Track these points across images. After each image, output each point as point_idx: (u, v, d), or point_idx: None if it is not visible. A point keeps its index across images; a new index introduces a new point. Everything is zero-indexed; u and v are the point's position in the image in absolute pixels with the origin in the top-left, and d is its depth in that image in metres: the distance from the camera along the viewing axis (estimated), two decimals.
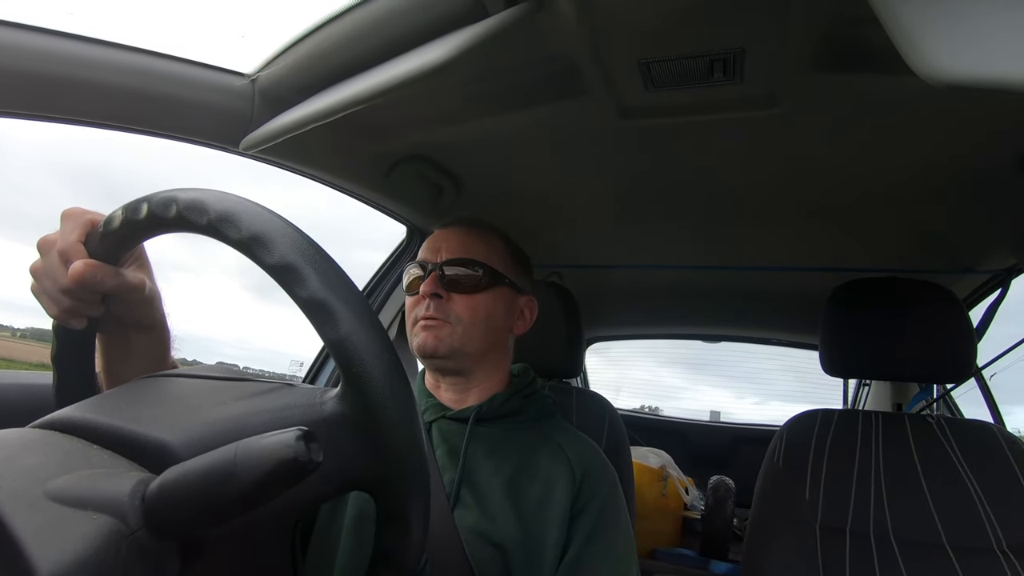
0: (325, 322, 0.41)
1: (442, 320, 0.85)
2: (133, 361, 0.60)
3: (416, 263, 0.90)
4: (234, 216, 0.43)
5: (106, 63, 0.80)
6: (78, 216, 0.52)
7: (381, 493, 0.45)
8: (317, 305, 0.41)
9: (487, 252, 0.90)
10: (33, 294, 0.53)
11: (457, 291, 0.86)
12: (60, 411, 0.42)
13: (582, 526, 0.79)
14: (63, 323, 0.53)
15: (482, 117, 1.02)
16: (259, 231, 0.42)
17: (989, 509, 1.01)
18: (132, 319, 0.57)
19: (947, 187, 1.12)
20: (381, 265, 1.61)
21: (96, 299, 0.53)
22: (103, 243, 0.50)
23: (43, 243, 0.52)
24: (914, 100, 0.85)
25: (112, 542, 0.32)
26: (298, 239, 0.43)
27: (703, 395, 3.35)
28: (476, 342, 0.87)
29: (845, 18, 0.71)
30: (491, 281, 0.88)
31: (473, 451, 0.83)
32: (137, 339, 0.59)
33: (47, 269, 0.52)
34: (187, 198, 0.44)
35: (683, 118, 0.96)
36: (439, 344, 0.84)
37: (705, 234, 1.54)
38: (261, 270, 0.43)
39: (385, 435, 0.43)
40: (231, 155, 0.98)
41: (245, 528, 0.40)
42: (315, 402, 0.44)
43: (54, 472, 0.34)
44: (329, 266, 0.43)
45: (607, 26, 0.75)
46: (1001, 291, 1.35)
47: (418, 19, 0.73)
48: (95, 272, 0.50)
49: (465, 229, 0.93)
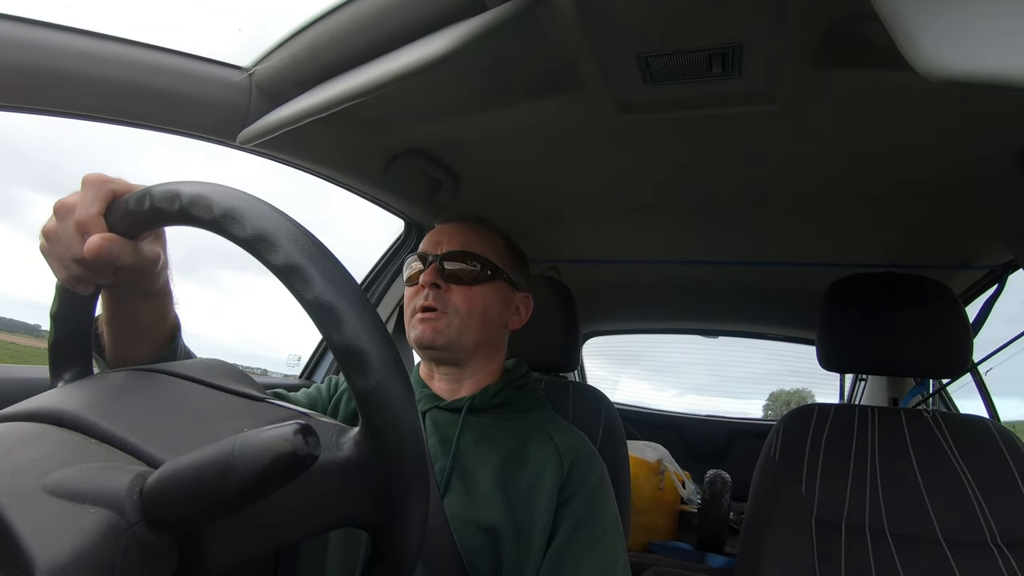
0: (331, 326, 0.40)
1: (440, 311, 0.87)
2: (136, 320, 0.60)
3: (417, 256, 0.92)
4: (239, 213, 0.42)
5: (103, 56, 0.79)
6: (100, 185, 0.49)
7: (381, 536, 0.45)
8: (323, 308, 0.40)
9: (486, 247, 0.92)
10: (42, 253, 0.51)
11: (456, 283, 0.89)
12: (60, 402, 0.42)
13: (569, 515, 0.79)
14: (70, 288, 0.51)
15: (480, 111, 1.02)
16: (264, 229, 0.41)
17: (984, 503, 1.02)
18: (139, 286, 0.57)
19: (945, 183, 1.12)
20: (379, 259, 1.61)
21: (108, 271, 0.52)
22: (125, 220, 0.48)
23: (60, 207, 0.50)
24: (912, 96, 0.85)
25: (110, 536, 0.32)
26: (306, 241, 0.42)
27: (626, 386, 3.45)
28: (472, 334, 0.89)
29: (843, 14, 0.70)
30: (489, 275, 0.90)
31: (465, 440, 0.84)
32: (142, 302, 0.59)
33: (61, 236, 0.49)
34: (193, 192, 0.43)
35: (681, 113, 0.96)
36: (436, 336, 0.86)
37: (702, 229, 1.54)
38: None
39: (398, 487, 0.43)
40: (228, 148, 0.97)
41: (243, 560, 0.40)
42: (331, 443, 0.43)
43: (52, 466, 0.34)
44: (337, 270, 0.42)
45: (605, 20, 0.75)
46: (998, 287, 1.36)
47: (416, 13, 0.73)
48: (113, 247, 0.48)
49: (466, 225, 0.95)
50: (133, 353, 0.62)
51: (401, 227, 1.56)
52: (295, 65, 0.87)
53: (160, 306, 0.61)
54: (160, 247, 0.55)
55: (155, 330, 0.63)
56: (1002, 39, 0.47)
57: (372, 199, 1.36)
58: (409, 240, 1.56)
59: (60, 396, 0.44)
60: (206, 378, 0.49)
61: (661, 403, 3.21)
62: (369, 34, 0.78)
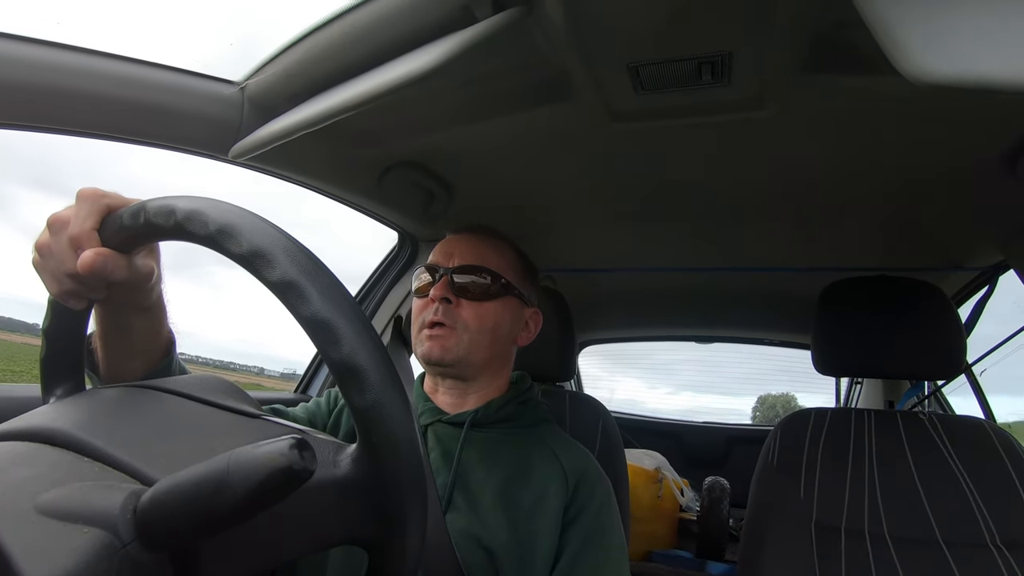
0: (328, 343, 0.40)
1: (449, 326, 0.85)
2: (129, 334, 0.59)
3: (426, 267, 0.90)
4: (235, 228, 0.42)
5: (93, 72, 0.79)
6: (95, 200, 0.48)
7: (379, 553, 0.45)
8: (319, 325, 0.40)
9: (498, 261, 0.90)
10: (34, 267, 0.51)
11: (466, 298, 0.86)
12: (52, 420, 0.41)
13: (575, 535, 0.78)
14: (62, 302, 0.51)
15: (472, 122, 1.02)
16: (260, 246, 0.41)
17: (982, 504, 1.02)
18: (133, 301, 0.56)
19: (934, 185, 1.13)
20: (372, 272, 1.60)
21: (101, 285, 0.51)
22: (119, 235, 0.48)
23: (54, 221, 0.49)
24: (900, 100, 0.86)
25: (103, 556, 0.31)
26: (302, 257, 0.42)
27: (620, 386, 3.52)
28: (482, 351, 0.87)
29: (831, 21, 0.71)
30: (500, 290, 0.88)
31: (467, 455, 0.83)
32: (135, 317, 0.58)
33: (55, 250, 0.49)
34: (188, 207, 0.43)
35: (673, 121, 0.96)
36: (445, 353, 0.85)
37: (696, 236, 1.55)
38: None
39: (395, 504, 0.42)
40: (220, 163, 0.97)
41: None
42: (328, 460, 0.43)
43: (44, 486, 0.34)
44: (334, 286, 0.42)
45: (595, 30, 0.75)
46: (989, 288, 1.37)
47: (407, 25, 0.74)
48: (106, 262, 0.47)
49: (479, 237, 0.93)
50: (127, 368, 0.61)
51: (395, 239, 1.56)
52: (287, 79, 0.87)
53: (154, 321, 0.61)
54: (154, 261, 0.55)
55: (149, 345, 0.62)
56: (988, 43, 0.48)
57: (365, 211, 1.36)
58: (403, 252, 1.56)
59: (52, 414, 0.43)
60: (201, 395, 0.49)
61: (655, 402, 3.26)
62: (360, 47, 0.78)
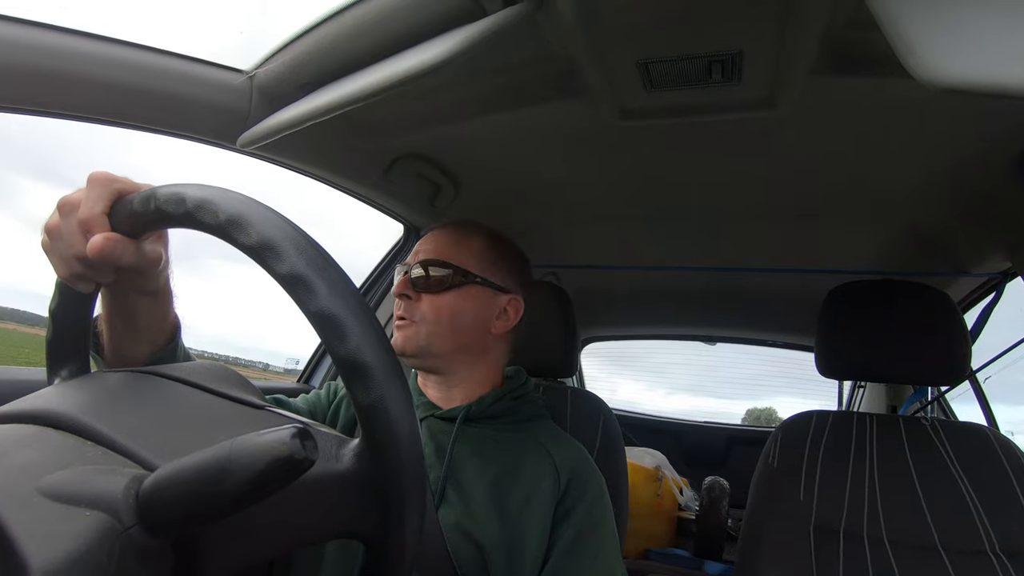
0: (334, 337, 0.40)
1: (409, 320, 0.87)
2: (135, 318, 0.60)
3: (401, 264, 0.92)
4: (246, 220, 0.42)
5: (102, 58, 0.79)
6: (106, 184, 0.49)
7: (376, 548, 0.45)
8: (326, 319, 0.40)
9: (459, 253, 0.90)
10: (43, 250, 0.51)
11: (426, 291, 0.88)
12: (57, 403, 0.41)
13: (565, 531, 0.78)
14: (70, 285, 0.51)
15: (480, 116, 1.02)
16: (269, 237, 0.41)
17: (982, 511, 1.02)
18: (140, 286, 0.57)
19: (943, 190, 1.12)
20: (377, 264, 1.60)
21: (109, 269, 0.51)
22: (129, 220, 0.48)
23: (64, 204, 0.49)
24: (911, 103, 0.85)
25: (105, 539, 0.31)
26: (311, 251, 0.42)
27: (620, 387, 3.54)
28: (442, 342, 0.87)
29: (843, 22, 0.71)
30: (458, 280, 0.88)
31: (459, 451, 0.83)
32: (142, 301, 0.59)
33: (64, 233, 0.49)
34: (199, 196, 0.43)
35: (682, 119, 0.96)
36: (406, 343, 0.87)
37: (701, 235, 1.54)
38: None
39: (395, 501, 0.42)
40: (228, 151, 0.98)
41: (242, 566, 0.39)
42: (330, 454, 0.43)
43: (47, 468, 0.34)
44: (341, 281, 0.42)
45: (605, 26, 0.75)
46: (996, 295, 1.36)
47: (416, 18, 0.73)
48: (116, 247, 0.48)
49: (446, 231, 0.93)
50: (132, 352, 0.62)
51: (400, 231, 1.56)
52: (296, 69, 0.87)
53: (160, 305, 0.61)
54: (162, 247, 0.55)
55: (154, 329, 0.62)
56: (1000, 47, 0.47)
57: (371, 203, 1.36)
58: (408, 245, 1.56)
59: (57, 396, 0.44)
60: (206, 383, 0.49)
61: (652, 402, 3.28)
62: (370, 38, 0.78)
